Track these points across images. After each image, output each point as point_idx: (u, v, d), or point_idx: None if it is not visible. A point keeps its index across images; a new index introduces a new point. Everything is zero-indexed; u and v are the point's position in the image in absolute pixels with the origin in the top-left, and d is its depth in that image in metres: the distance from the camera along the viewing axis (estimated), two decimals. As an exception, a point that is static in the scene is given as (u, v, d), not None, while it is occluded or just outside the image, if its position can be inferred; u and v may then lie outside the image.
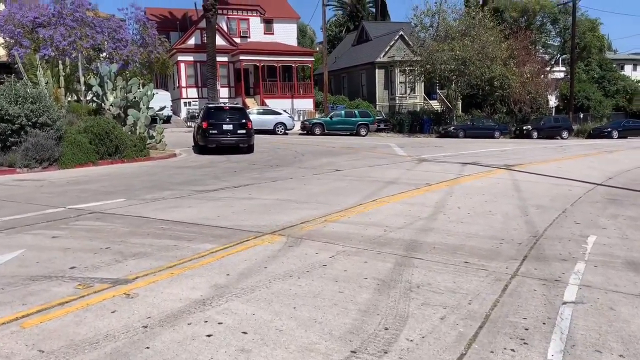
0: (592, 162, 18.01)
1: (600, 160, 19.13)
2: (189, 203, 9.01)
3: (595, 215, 8.76)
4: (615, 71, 48.72)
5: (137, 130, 18.73)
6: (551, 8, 42.40)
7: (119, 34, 31.21)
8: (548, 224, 7.99)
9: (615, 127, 39.13)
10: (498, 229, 7.49)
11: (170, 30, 43.68)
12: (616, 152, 22.39)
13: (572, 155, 20.67)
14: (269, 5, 45.91)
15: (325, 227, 7.30)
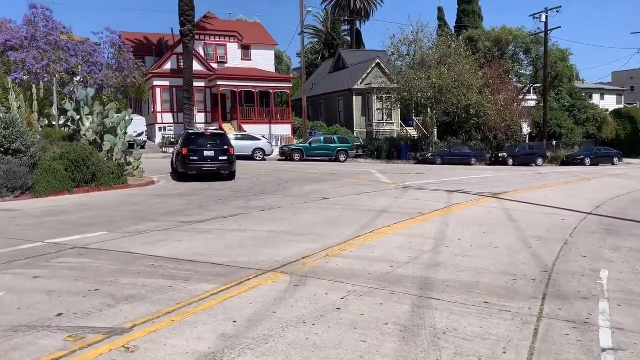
0: (574, 191, 18.06)
1: (582, 188, 19.20)
2: (177, 236, 8.49)
3: (598, 247, 8.58)
4: (585, 100, 49.91)
5: (114, 156, 18.08)
6: (523, 38, 43.40)
7: (93, 58, 30.58)
8: (554, 257, 7.77)
9: (587, 154, 39.90)
10: (507, 264, 7.20)
11: (146, 55, 43.16)
12: (594, 180, 22.59)
13: (553, 183, 20.74)
14: (246, 31, 45.91)
15: (328, 262, 6.89)
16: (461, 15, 53.34)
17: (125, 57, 32.99)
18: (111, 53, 33.94)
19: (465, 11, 52.79)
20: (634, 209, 13.44)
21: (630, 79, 66.80)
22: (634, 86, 66.03)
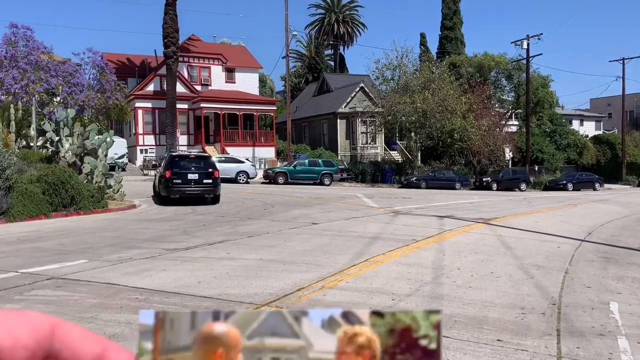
0: (563, 217, 17.92)
1: (570, 214, 19.09)
2: (162, 265, 7.99)
3: (600, 277, 8.32)
4: (565, 126, 50.60)
5: (95, 179, 17.50)
6: (505, 65, 43.96)
7: (75, 78, 30.03)
8: (559, 287, 7.48)
9: (569, 179, 40.18)
10: (512, 295, 6.86)
11: (129, 77, 42.68)
12: (580, 206, 22.57)
13: (540, 209, 20.62)
14: (231, 54, 45.79)
15: (325, 295, 6.47)
16: (444, 42, 54.06)
17: (108, 78, 32.49)
18: (93, 74, 33.42)
19: (448, 37, 53.53)
20: (626, 236, 13.29)
21: (607, 105, 68.14)
22: (611, 113, 67.34)
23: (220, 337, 0.49)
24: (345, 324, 0.49)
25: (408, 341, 0.47)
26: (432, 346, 0.46)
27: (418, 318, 0.47)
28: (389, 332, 0.48)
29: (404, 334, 0.47)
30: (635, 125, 56.14)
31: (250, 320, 0.50)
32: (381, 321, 0.48)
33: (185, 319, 0.49)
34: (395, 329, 0.47)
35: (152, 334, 0.48)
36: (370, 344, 0.49)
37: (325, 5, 63.38)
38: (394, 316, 0.48)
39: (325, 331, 0.49)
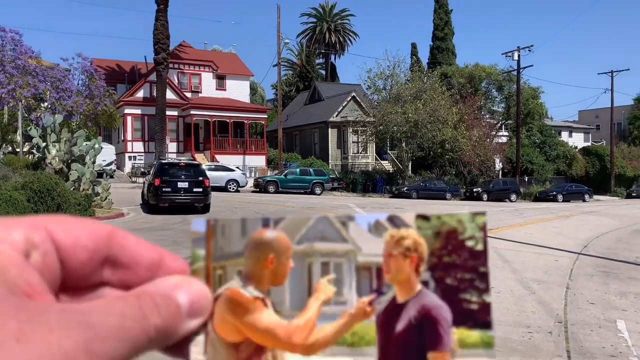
0: (557, 228, 17.83)
1: (563, 226, 19.02)
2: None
3: (603, 293, 8.16)
4: (555, 137, 50.89)
5: (82, 186, 17.12)
6: (496, 76, 44.16)
7: (63, 84, 29.60)
8: (562, 304, 7.33)
9: (559, 190, 40.29)
10: (516, 312, 6.67)
11: (118, 83, 42.29)
12: (572, 217, 22.54)
13: (533, 220, 20.54)
14: (222, 61, 45.56)
15: None
16: (435, 52, 54.19)
17: (97, 84, 32.10)
18: (82, 80, 33.00)
19: (439, 48, 53.70)
20: (622, 249, 13.19)
21: (595, 117, 68.78)
22: (599, 124, 67.96)
23: (270, 242, 0.50)
24: (392, 227, 0.50)
25: (454, 243, 0.48)
26: (478, 247, 0.47)
27: (464, 220, 0.48)
28: (435, 235, 0.49)
29: (450, 236, 0.48)
30: (622, 138, 56.61)
31: (299, 226, 0.52)
32: (427, 224, 0.49)
33: (236, 226, 0.50)
34: (442, 231, 0.49)
35: (205, 241, 0.50)
36: (417, 246, 0.50)
37: (317, 14, 63.51)
38: (440, 219, 0.49)
39: (372, 235, 0.50)
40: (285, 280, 0.50)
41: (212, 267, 0.49)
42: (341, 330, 0.50)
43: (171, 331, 0.45)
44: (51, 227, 0.44)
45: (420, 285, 0.51)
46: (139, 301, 0.43)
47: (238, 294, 0.49)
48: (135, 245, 0.48)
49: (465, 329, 0.47)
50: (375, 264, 0.50)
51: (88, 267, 0.45)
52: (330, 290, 0.49)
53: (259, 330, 0.48)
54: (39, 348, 0.35)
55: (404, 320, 0.50)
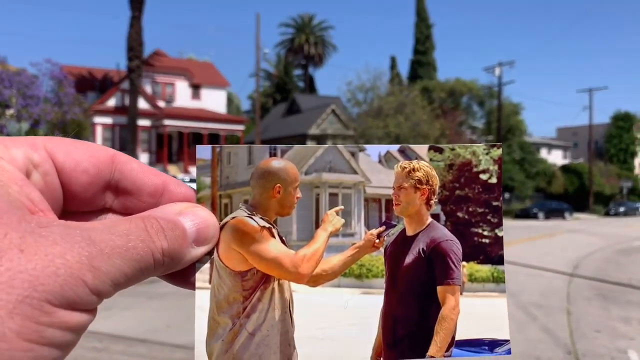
0: (544, 248, 17.54)
1: (549, 245, 18.73)
2: (124, 303, 6.91)
3: (605, 319, 7.78)
4: (535, 154, 51.12)
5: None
6: (477, 91, 44.22)
7: (30, 90, 28.40)
8: (567, 332, 6.97)
9: (540, 208, 40.20)
10: (522, 342, 6.20)
11: (89, 90, 40.99)
12: (557, 236, 22.32)
13: (517, 239, 20.20)
14: (197, 70, 44.57)
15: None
16: (415, 66, 53.98)
17: (66, 91, 30.92)
18: (50, 86, 31.78)
19: (420, 62, 53.51)
20: (612, 270, 12.85)
21: (573, 135, 69.68)
22: (577, 142, 68.86)
23: (277, 172, 0.49)
24: (403, 158, 0.47)
25: (467, 176, 0.46)
26: (492, 180, 0.45)
27: (478, 152, 0.46)
28: (447, 167, 0.47)
29: (463, 168, 0.47)
30: (600, 156, 57.39)
31: (307, 156, 0.49)
32: (440, 156, 0.47)
33: (243, 154, 0.49)
34: (455, 163, 0.47)
35: (210, 168, 0.48)
36: (429, 179, 0.47)
37: (296, 24, 63.10)
38: (454, 151, 0.47)
39: (382, 166, 0.48)
40: (292, 210, 0.49)
41: (217, 196, 0.48)
42: (348, 262, 0.50)
43: (177, 256, 0.43)
44: (51, 148, 0.43)
45: (430, 219, 0.50)
46: (145, 223, 0.42)
47: (244, 223, 0.48)
48: (139, 171, 0.47)
49: (475, 263, 0.47)
50: (384, 196, 0.49)
51: (90, 191, 0.44)
52: (339, 221, 0.48)
53: (266, 260, 0.49)
54: (42, 259, 0.35)
55: (413, 253, 0.50)
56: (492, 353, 0.46)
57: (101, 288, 0.38)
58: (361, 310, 0.46)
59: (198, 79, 43.64)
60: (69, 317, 0.36)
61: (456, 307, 0.47)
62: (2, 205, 0.36)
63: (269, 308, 0.50)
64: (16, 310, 0.33)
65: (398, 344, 0.49)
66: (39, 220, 0.37)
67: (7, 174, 0.39)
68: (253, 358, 0.49)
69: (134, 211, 0.46)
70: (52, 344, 0.35)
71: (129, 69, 34.04)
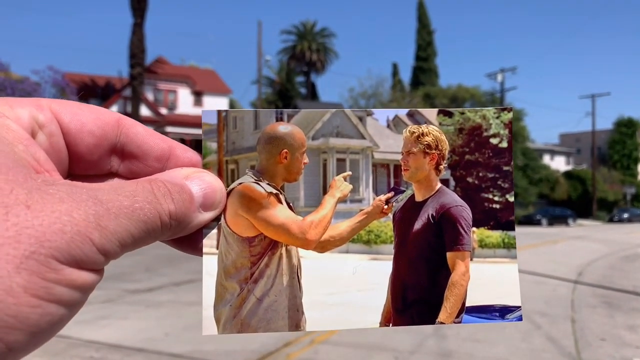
0: (547, 254, 17.46)
1: (552, 252, 18.65)
2: (122, 311, 6.87)
3: (611, 327, 7.67)
4: (537, 160, 51.04)
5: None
6: (479, 97, 44.28)
7: (33, 97, 28.49)
8: (572, 341, 6.80)
9: (544, 214, 40.10)
10: (526, 352, 6.09)
11: (91, 98, 41.10)
12: (560, 243, 22.23)
13: (521, 246, 20.10)
14: (199, 77, 44.70)
15: (317, 353, 5.49)
16: (417, 72, 54.04)
17: (69, 98, 30.96)
18: (52, 93, 31.88)
19: (422, 68, 53.58)
20: (617, 277, 12.77)
21: (576, 141, 69.54)
22: (580, 148, 68.72)
23: (284, 137, 0.48)
24: (412, 123, 0.46)
25: (477, 140, 0.45)
26: (502, 145, 0.44)
27: (488, 116, 0.45)
28: (457, 132, 0.46)
29: (473, 133, 0.46)
30: (603, 162, 57.23)
31: (314, 121, 0.48)
32: (449, 120, 0.46)
33: (248, 118, 0.48)
34: (464, 128, 0.46)
35: (216, 133, 0.48)
36: (438, 143, 0.47)
37: (298, 32, 63.26)
38: (463, 115, 0.47)
39: (391, 131, 0.47)
40: (299, 176, 0.49)
41: (224, 161, 0.48)
42: (356, 228, 0.49)
43: (184, 219, 0.43)
44: (57, 109, 0.43)
45: (439, 184, 0.49)
46: (152, 185, 0.41)
47: (251, 189, 0.48)
48: (144, 135, 0.46)
49: (486, 229, 0.46)
50: (393, 161, 0.49)
51: (95, 153, 0.44)
52: (346, 187, 0.48)
53: (273, 226, 0.48)
54: (49, 216, 0.34)
55: (422, 219, 0.49)
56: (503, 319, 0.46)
57: (108, 247, 0.37)
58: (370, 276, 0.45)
59: (200, 86, 43.76)
60: (76, 275, 0.36)
61: (466, 273, 0.46)
62: (8, 162, 0.36)
63: (276, 274, 0.50)
64: (23, 265, 0.33)
65: (407, 309, 0.48)
66: (45, 178, 0.37)
67: (13, 133, 0.38)
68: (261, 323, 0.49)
69: (139, 175, 0.46)
70: (60, 301, 0.35)
71: (131, 76, 34.14)
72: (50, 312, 0.34)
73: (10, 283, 0.32)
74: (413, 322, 0.48)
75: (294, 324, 0.50)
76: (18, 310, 0.32)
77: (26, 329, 0.33)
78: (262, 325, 0.49)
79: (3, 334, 0.32)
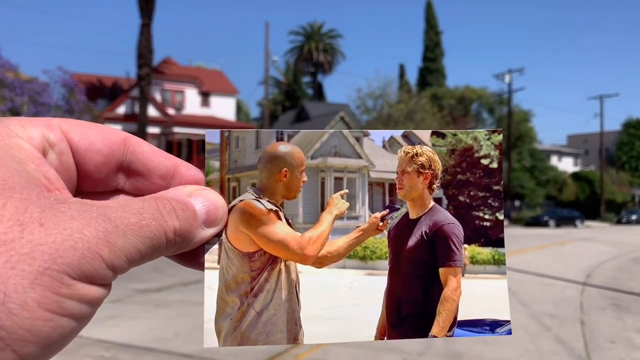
0: (555, 256, 17.37)
1: (560, 253, 18.56)
2: (131, 311, 6.92)
3: (620, 329, 7.61)
4: (545, 161, 50.78)
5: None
6: (487, 98, 44.12)
7: (41, 98, 28.68)
8: (582, 343, 6.75)
9: (551, 216, 39.84)
10: (535, 354, 6.05)
11: (99, 98, 41.29)
12: (568, 244, 22.11)
13: (528, 247, 20.05)
14: (206, 78, 44.83)
15: (326, 354, 5.51)
16: (424, 73, 53.94)
17: (77, 98, 31.21)
18: (61, 94, 32.09)
19: (429, 69, 53.49)
20: (626, 279, 12.70)
21: (584, 142, 69.14)
22: (588, 149, 68.32)
23: (284, 156, 0.50)
24: (406, 143, 0.49)
25: (469, 161, 0.48)
26: (493, 165, 0.46)
27: (480, 138, 0.47)
28: (450, 152, 0.49)
29: (465, 153, 0.48)
30: (611, 163, 56.84)
31: (313, 140, 0.50)
32: (442, 141, 0.48)
33: (250, 138, 0.51)
34: (457, 149, 0.49)
35: (219, 152, 0.50)
36: (431, 163, 0.49)
37: (305, 32, 63.33)
38: (456, 136, 0.49)
39: (386, 151, 0.50)
40: (298, 193, 0.51)
41: (226, 179, 0.50)
42: (353, 244, 0.51)
43: (188, 236, 0.45)
44: (66, 128, 0.44)
45: (432, 202, 0.52)
46: (157, 203, 0.43)
47: (252, 206, 0.50)
48: (150, 153, 0.48)
49: (477, 246, 0.49)
50: (388, 180, 0.51)
51: (103, 171, 0.46)
52: (343, 204, 0.50)
53: (272, 241, 0.50)
54: (62, 233, 0.36)
55: (416, 236, 0.52)
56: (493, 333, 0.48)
57: (116, 263, 0.39)
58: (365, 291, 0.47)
59: (207, 86, 43.89)
60: (87, 290, 0.37)
61: (458, 289, 0.49)
62: (22, 181, 0.37)
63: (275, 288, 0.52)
64: (37, 281, 0.34)
65: (401, 323, 0.50)
66: (57, 196, 0.39)
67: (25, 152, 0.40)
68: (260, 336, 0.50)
69: (145, 192, 0.48)
70: (71, 315, 0.36)
71: (138, 77, 34.29)
72: (61, 325, 0.36)
73: (25, 298, 0.34)
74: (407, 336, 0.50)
75: (292, 337, 0.51)
76: (32, 324, 0.34)
77: (39, 342, 0.35)
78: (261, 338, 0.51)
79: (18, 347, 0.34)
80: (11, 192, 0.36)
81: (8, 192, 0.36)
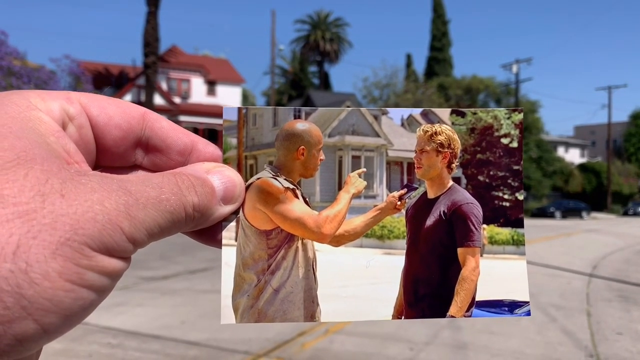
0: (561, 247, 17.33)
1: (567, 244, 18.51)
2: (138, 298, 6.97)
3: (627, 321, 7.61)
4: (552, 152, 50.45)
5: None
6: (494, 88, 43.80)
7: (48, 86, 28.73)
8: (588, 334, 6.75)
9: (557, 207, 39.73)
10: (542, 345, 6.05)
11: (105, 86, 41.32)
12: (574, 236, 22.05)
13: (535, 238, 20.00)
14: (213, 66, 44.76)
15: (332, 342, 5.53)
16: (432, 63, 53.49)
17: (83, 87, 31.24)
18: (68, 82, 32.14)
19: (436, 59, 53.03)
20: (632, 271, 12.66)
21: (591, 133, 68.63)
22: (595, 141, 67.82)
23: (301, 134, 0.50)
24: (425, 122, 0.48)
25: (489, 140, 0.47)
26: (513, 145, 0.45)
27: (500, 117, 0.47)
28: (469, 131, 0.48)
29: (484, 132, 0.47)
30: (618, 154, 56.42)
31: (330, 118, 0.50)
32: (462, 120, 0.47)
33: (268, 115, 0.51)
34: (476, 127, 0.47)
35: (236, 129, 0.50)
36: (450, 142, 0.48)
37: (312, 21, 63.00)
38: (476, 115, 0.48)
39: (405, 130, 0.49)
40: (315, 172, 0.51)
41: (243, 157, 0.50)
42: (370, 223, 0.51)
43: (206, 212, 0.45)
44: (86, 102, 0.44)
45: (451, 182, 0.51)
46: (176, 178, 0.43)
47: (269, 184, 0.50)
48: (168, 129, 0.48)
49: (496, 226, 0.48)
50: (406, 159, 0.50)
51: (121, 146, 0.46)
52: (361, 183, 0.49)
53: (289, 219, 0.50)
54: (82, 205, 0.36)
55: (434, 215, 0.51)
56: (512, 314, 0.47)
57: (137, 236, 0.39)
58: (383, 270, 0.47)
59: (213, 75, 43.83)
60: (107, 262, 0.37)
61: (476, 269, 0.48)
62: (42, 153, 0.37)
63: (292, 266, 0.52)
64: (58, 251, 0.35)
65: (419, 303, 0.50)
66: (77, 169, 0.39)
67: (45, 125, 0.40)
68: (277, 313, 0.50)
69: (162, 168, 0.48)
70: (92, 287, 0.37)
71: (144, 65, 34.26)
72: (82, 296, 0.36)
73: (47, 268, 0.34)
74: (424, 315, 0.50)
75: (309, 314, 0.52)
76: (53, 294, 0.34)
77: (60, 312, 0.35)
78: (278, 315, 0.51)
79: (39, 316, 0.34)
80: (32, 163, 0.36)
81: (29, 163, 0.36)
